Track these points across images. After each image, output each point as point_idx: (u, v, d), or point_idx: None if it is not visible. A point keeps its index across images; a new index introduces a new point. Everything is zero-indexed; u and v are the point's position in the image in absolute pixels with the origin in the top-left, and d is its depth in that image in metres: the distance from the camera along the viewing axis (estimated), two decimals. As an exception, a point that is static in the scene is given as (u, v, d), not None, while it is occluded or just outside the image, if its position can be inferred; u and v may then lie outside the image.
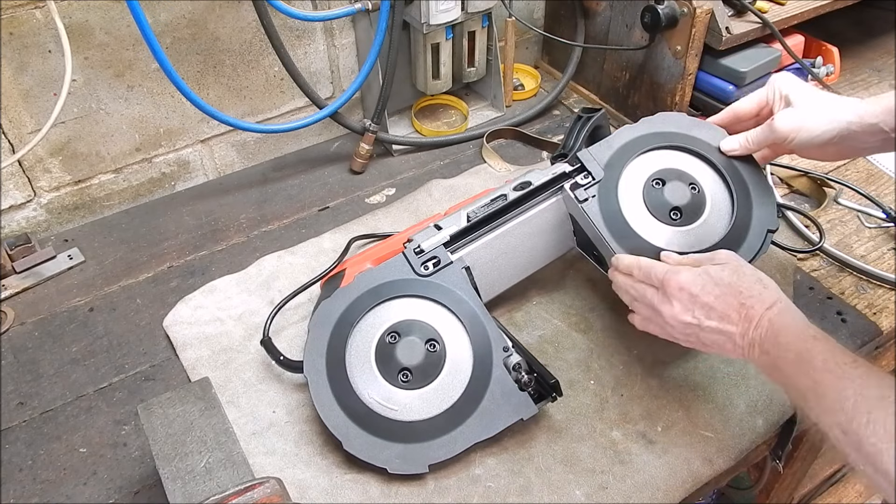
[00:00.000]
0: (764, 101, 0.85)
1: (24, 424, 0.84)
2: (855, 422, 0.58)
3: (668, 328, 0.75)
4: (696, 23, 1.07)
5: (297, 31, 1.15)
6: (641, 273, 0.77)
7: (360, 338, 0.80)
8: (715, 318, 0.71)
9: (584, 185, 0.87)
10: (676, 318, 0.73)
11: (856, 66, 1.38)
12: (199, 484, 0.66)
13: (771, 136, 0.82)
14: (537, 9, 1.39)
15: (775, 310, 0.69)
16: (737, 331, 0.70)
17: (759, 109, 0.86)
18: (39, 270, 1.02)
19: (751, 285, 0.71)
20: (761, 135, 0.83)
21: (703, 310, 0.71)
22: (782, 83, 0.82)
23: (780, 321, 0.68)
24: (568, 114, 1.32)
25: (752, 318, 0.69)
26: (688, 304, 0.72)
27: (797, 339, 0.66)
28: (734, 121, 0.89)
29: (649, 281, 0.76)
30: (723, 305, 0.71)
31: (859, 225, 1.06)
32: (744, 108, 0.87)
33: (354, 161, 1.19)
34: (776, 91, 0.83)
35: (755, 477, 1.27)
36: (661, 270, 0.75)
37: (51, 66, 0.98)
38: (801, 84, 0.82)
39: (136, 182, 1.14)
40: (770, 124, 0.81)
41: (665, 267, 0.75)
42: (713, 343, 0.72)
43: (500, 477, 0.76)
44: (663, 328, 0.76)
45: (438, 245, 0.84)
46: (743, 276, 0.72)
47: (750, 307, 0.70)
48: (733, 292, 0.71)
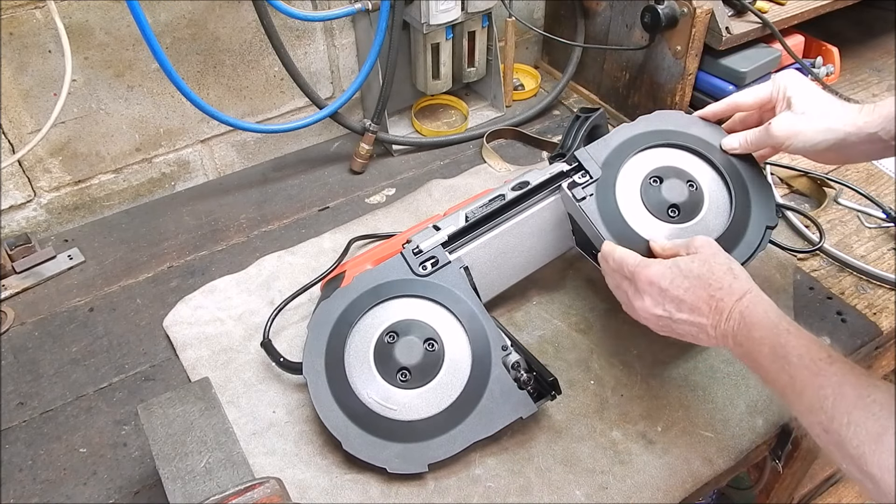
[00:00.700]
0: (766, 98, 0.84)
1: (24, 424, 0.84)
2: (836, 422, 0.58)
3: (642, 319, 0.76)
4: (696, 23, 1.07)
5: (297, 31, 1.15)
6: (615, 263, 0.78)
7: (358, 338, 0.80)
8: (685, 311, 0.71)
9: (582, 184, 0.87)
10: (648, 311, 0.74)
11: (856, 66, 1.38)
12: (199, 484, 0.66)
13: (767, 139, 0.82)
14: (537, 9, 1.39)
15: (745, 301, 0.69)
16: (708, 322, 0.70)
17: (761, 105, 0.86)
18: (39, 270, 1.02)
19: (721, 276, 0.71)
20: (759, 137, 0.84)
21: (674, 303, 0.72)
22: (787, 82, 0.82)
23: (751, 314, 0.68)
24: (568, 114, 1.32)
25: (721, 310, 0.69)
26: (657, 297, 0.73)
27: (770, 333, 0.66)
28: (734, 112, 0.89)
29: (622, 272, 0.77)
30: (692, 298, 0.71)
31: (859, 225, 1.06)
32: (745, 100, 0.87)
33: (354, 161, 1.19)
34: (780, 90, 0.82)
35: (755, 477, 1.27)
36: (631, 263, 0.76)
37: (51, 66, 0.98)
38: (804, 85, 0.81)
39: (136, 182, 1.14)
40: (767, 128, 0.81)
41: (636, 259, 0.76)
42: (687, 333, 0.73)
43: (500, 477, 0.76)
44: (638, 318, 0.77)
45: (437, 245, 0.84)
46: (713, 266, 0.72)
47: (719, 299, 0.70)
48: (703, 284, 0.71)
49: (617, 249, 0.79)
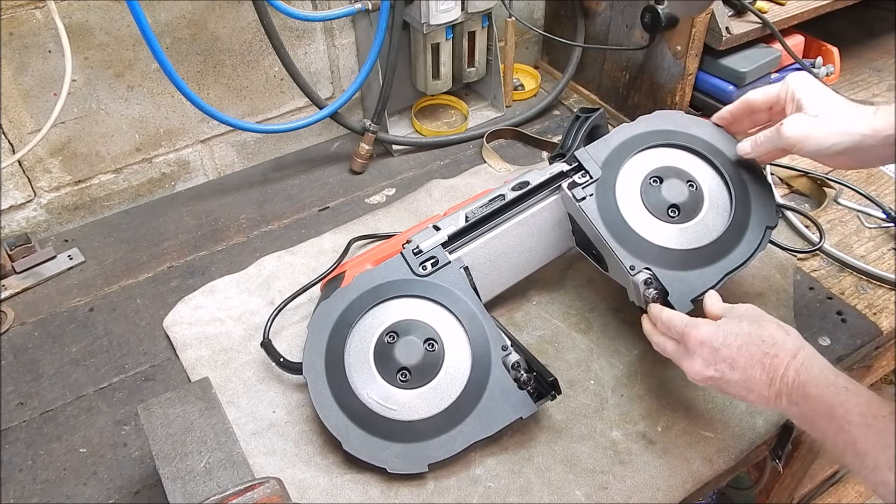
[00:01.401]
0: (774, 99, 0.82)
1: (24, 424, 0.84)
2: None
3: (693, 380, 0.74)
4: (696, 23, 1.07)
5: (297, 31, 1.15)
6: (662, 325, 0.77)
7: (358, 338, 0.80)
8: (738, 371, 0.69)
9: (582, 184, 0.87)
10: (699, 373, 0.71)
11: (856, 66, 1.38)
12: (199, 484, 0.66)
13: (779, 141, 0.79)
14: (537, 9, 1.39)
15: (800, 358, 0.67)
16: (762, 381, 0.68)
17: (770, 105, 0.83)
18: (39, 270, 1.02)
19: (773, 333, 0.69)
20: (770, 138, 0.81)
21: (726, 363, 0.70)
22: (796, 84, 0.79)
23: (806, 371, 0.65)
24: (568, 114, 1.32)
25: (776, 367, 0.67)
26: (709, 358, 0.71)
27: (827, 391, 0.63)
28: (747, 111, 0.86)
29: (669, 334, 0.76)
30: (745, 357, 0.69)
31: (859, 225, 1.06)
32: (755, 98, 0.84)
33: (354, 161, 1.19)
34: (788, 91, 0.80)
35: (755, 477, 1.27)
36: (679, 324, 0.74)
37: (51, 66, 0.98)
38: (815, 87, 0.78)
39: (136, 182, 1.14)
40: (778, 129, 0.78)
41: (684, 320, 0.74)
42: (738, 394, 0.70)
43: (500, 477, 0.76)
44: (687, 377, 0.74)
45: (436, 245, 0.84)
46: (763, 324, 0.70)
47: (773, 356, 0.68)
48: (755, 342, 0.69)
49: (664, 311, 0.77)
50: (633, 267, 0.82)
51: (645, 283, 0.81)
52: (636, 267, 0.82)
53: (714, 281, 0.82)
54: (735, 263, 0.83)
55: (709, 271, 0.82)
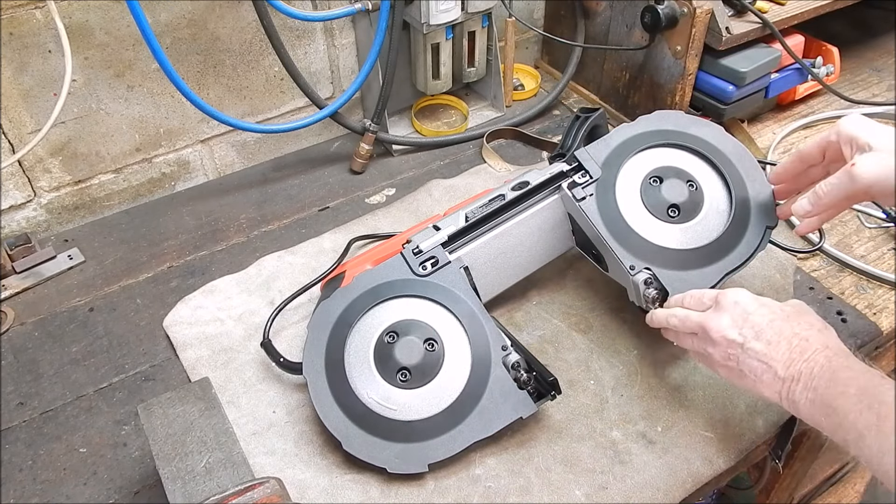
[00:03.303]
0: (826, 143, 0.75)
1: (24, 424, 0.84)
2: None
3: (709, 346, 0.70)
4: (696, 23, 1.07)
5: (297, 31, 1.15)
6: (692, 298, 0.75)
7: (358, 338, 0.80)
8: (763, 342, 0.66)
9: (582, 184, 0.87)
10: (722, 332, 0.69)
11: (856, 66, 1.38)
12: (199, 484, 0.66)
13: (852, 187, 0.70)
14: (537, 9, 1.39)
15: (834, 349, 0.64)
16: (781, 360, 0.65)
17: (823, 151, 0.76)
18: (39, 270, 1.02)
19: (813, 321, 0.67)
20: (839, 185, 0.71)
21: (753, 330, 0.67)
22: (850, 124, 0.72)
23: (839, 360, 0.63)
24: (568, 114, 1.32)
25: (803, 350, 0.64)
26: (738, 319, 0.68)
27: (862, 375, 0.60)
28: (801, 165, 0.79)
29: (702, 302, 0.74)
30: (774, 332, 0.66)
31: (859, 225, 1.06)
32: (808, 148, 0.77)
33: (354, 161, 1.19)
34: (841, 133, 0.72)
35: (755, 477, 1.27)
36: (715, 290, 0.73)
37: (51, 66, 0.98)
38: (871, 123, 0.71)
39: (136, 182, 1.14)
40: (849, 172, 0.69)
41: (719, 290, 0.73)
42: (751, 371, 0.67)
43: (500, 477, 0.76)
44: (704, 346, 0.71)
45: (436, 245, 0.84)
46: (806, 314, 0.68)
47: (805, 339, 0.65)
48: (791, 323, 0.67)
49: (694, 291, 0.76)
50: (633, 267, 0.82)
51: (645, 283, 0.81)
52: (636, 267, 0.82)
53: (714, 281, 0.82)
54: (735, 263, 0.83)
55: (709, 271, 0.82)
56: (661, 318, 0.77)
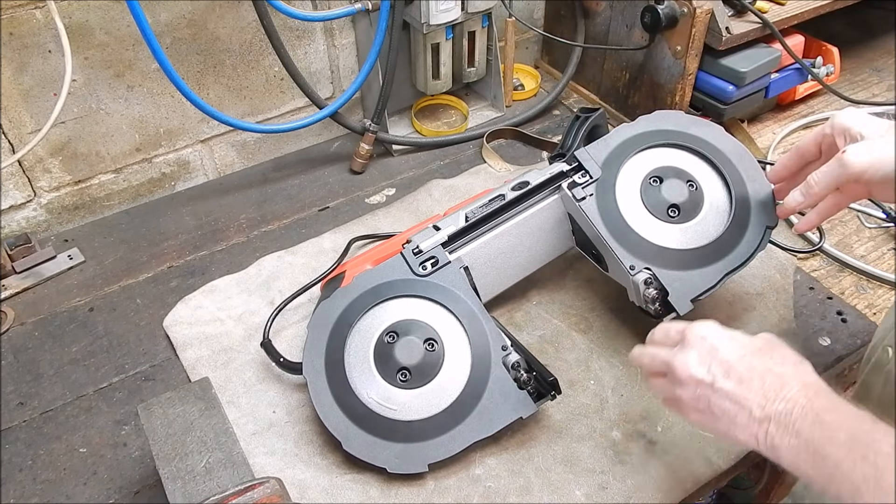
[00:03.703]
0: (821, 135, 0.74)
1: (24, 424, 0.84)
2: None
3: (678, 388, 0.64)
4: (696, 23, 1.07)
5: (297, 31, 1.15)
6: (660, 332, 0.69)
7: (358, 338, 0.80)
8: (733, 380, 0.60)
9: (582, 184, 0.87)
10: (689, 370, 0.63)
11: (856, 66, 1.38)
12: (199, 484, 0.66)
13: (843, 174, 0.69)
14: (537, 9, 1.39)
15: (815, 388, 0.58)
16: (755, 400, 0.59)
17: (819, 144, 0.75)
18: (39, 270, 1.02)
19: (786, 354, 0.62)
20: (830, 174, 0.70)
21: (722, 367, 0.61)
22: (843, 116, 0.72)
23: (820, 398, 0.57)
24: (568, 114, 1.32)
25: (778, 388, 0.58)
26: (705, 355, 0.63)
27: (849, 419, 0.54)
28: (800, 160, 0.78)
29: (668, 337, 0.68)
30: (745, 368, 0.61)
31: (859, 225, 1.06)
32: (804, 142, 0.77)
33: (354, 161, 1.19)
34: (835, 125, 0.72)
35: (755, 477, 1.27)
36: (683, 323, 0.67)
37: (51, 66, 0.98)
38: (865, 115, 0.71)
39: (136, 182, 1.14)
40: (840, 159, 0.69)
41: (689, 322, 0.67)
42: (724, 413, 0.61)
43: (500, 477, 0.76)
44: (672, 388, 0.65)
45: (436, 245, 0.84)
46: (777, 345, 0.63)
47: (779, 375, 0.59)
48: (763, 357, 0.61)
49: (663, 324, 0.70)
50: (633, 267, 0.82)
51: (645, 282, 0.81)
52: (636, 267, 0.82)
53: (714, 281, 0.82)
54: (735, 263, 0.83)
55: (709, 271, 0.82)
56: (636, 356, 0.72)
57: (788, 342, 0.87)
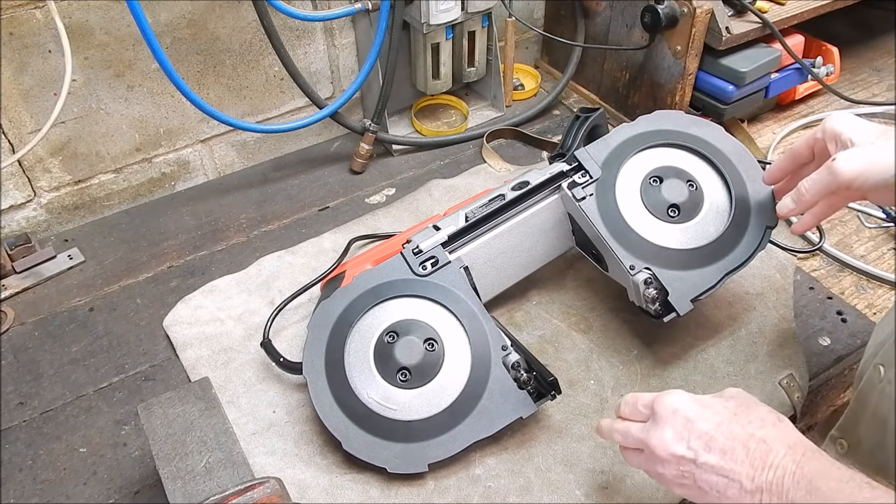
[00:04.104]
0: (813, 140, 0.73)
1: (24, 424, 0.84)
2: None
3: (658, 466, 0.61)
4: (696, 23, 1.07)
5: (297, 31, 1.15)
6: (628, 406, 0.66)
7: (358, 338, 0.80)
8: (716, 453, 0.58)
9: (582, 184, 0.87)
10: (667, 448, 0.60)
11: (856, 66, 1.38)
12: (199, 484, 0.66)
13: (833, 182, 0.67)
14: (537, 9, 1.39)
15: (800, 450, 0.56)
16: (744, 471, 0.56)
17: (811, 148, 0.74)
18: (39, 270, 1.02)
19: (763, 415, 0.59)
20: (820, 181, 0.69)
21: (701, 440, 0.59)
22: (834, 121, 0.71)
23: (810, 463, 0.55)
24: (568, 114, 1.32)
25: (764, 455, 0.56)
26: (681, 430, 0.60)
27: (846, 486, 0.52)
28: (793, 164, 0.78)
29: (637, 411, 0.65)
30: (726, 437, 0.58)
31: (859, 225, 1.06)
32: (797, 146, 0.76)
33: (354, 161, 1.19)
34: (826, 130, 0.71)
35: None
36: (649, 396, 0.64)
37: (51, 66, 0.98)
38: (856, 120, 0.70)
39: (136, 182, 1.14)
40: (830, 167, 0.67)
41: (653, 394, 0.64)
42: (712, 487, 0.58)
43: (500, 477, 0.76)
44: (653, 465, 0.62)
45: (436, 245, 0.84)
46: (752, 406, 0.61)
47: (761, 440, 0.57)
48: (741, 421, 0.59)
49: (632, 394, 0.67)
50: (632, 267, 0.82)
51: (645, 282, 0.81)
52: (636, 267, 0.82)
53: (714, 281, 0.82)
54: (735, 263, 0.83)
55: (709, 271, 0.82)
56: (606, 430, 0.69)
57: (788, 342, 0.88)
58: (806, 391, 0.85)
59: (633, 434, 0.64)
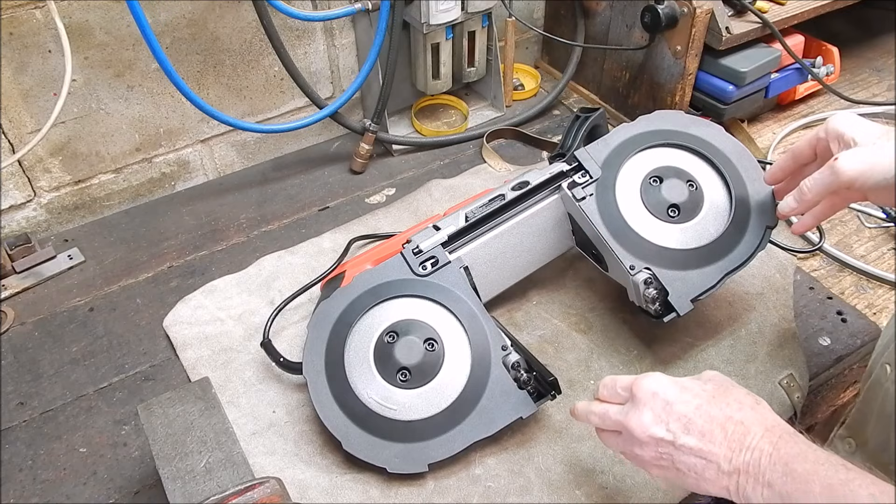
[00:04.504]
0: (815, 140, 0.73)
1: (24, 424, 0.84)
2: None
3: (636, 448, 0.62)
4: (696, 23, 1.07)
5: (297, 31, 1.15)
6: (606, 388, 0.66)
7: (358, 338, 0.80)
8: (694, 435, 0.58)
9: (582, 184, 0.87)
10: (646, 430, 0.60)
11: (856, 66, 1.38)
12: (199, 484, 0.66)
13: (834, 181, 0.67)
14: (537, 9, 1.39)
15: (777, 432, 0.56)
16: (721, 453, 0.57)
17: (814, 148, 0.74)
18: (39, 270, 1.02)
19: (740, 398, 0.60)
20: (822, 181, 0.69)
21: (680, 422, 0.59)
22: (838, 121, 0.71)
23: (787, 445, 0.55)
24: (568, 114, 1.32)
25: (741, 436, 0.57)
26: (660, 412, 0.60)
27: (822, 467, 0.52)
28: (794, 164, 0.77)
29: (615, 393, 0.65)
30: (704, 419, 0.58)
31: (859, 225, 1.06)
32: (799, 145, 0.76)
33: (354, 161, 1.19)
34: (829, 130, 0.71)
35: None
36: (628, 378, 0.64)
37: (51, 66, 0.98)
38: (861, 121, 0.70)
39: (136, 182, 1.14)
40: (832, 166, 0.68)
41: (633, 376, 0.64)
42: (690, 468, 0.58)
43: (500, 477, 0.76)
44: (631, 447, 0.63)
45: (436, 245, 0.84)
46: (730, 388, 0.61)
47: (739, 422, 0.57)
48: (718, 404, 0.59)
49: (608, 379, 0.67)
50: (632, 267, 0.82)
51: (645, 282, 0.81)
52: (636, 267, 0.82)
53: (714, 281, 0.82)
54: (735, 263, 0.83)
55: (709, 271, 0.82)
56: (581, 413, 0.69)
57: (788, 342, 0.88)
58: (806, 391, 0.85)
59: (612, 416, 0.64)
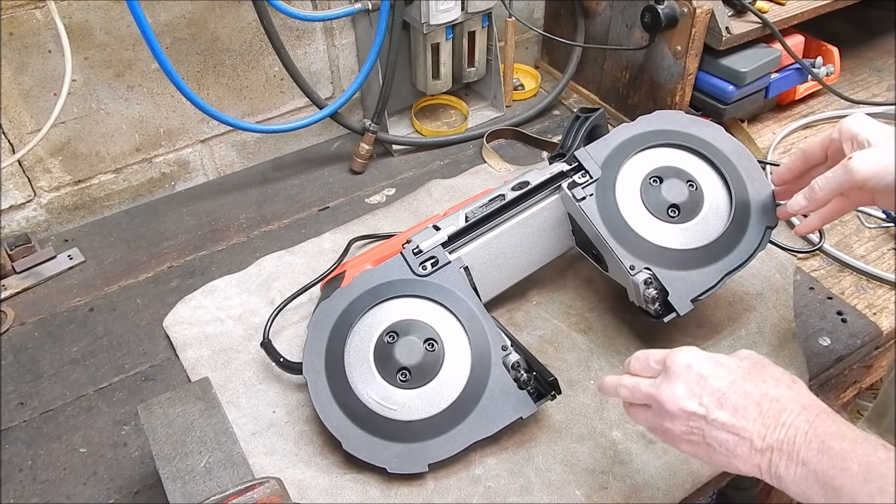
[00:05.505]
0: (828, 140, 0.73)
1: (24, 424, 0.84)
2: None
3: (667, 421, 0.61)
4: (696, 23, 1.07)
5: (297, 31, 1.15)
6: (639, 362, 0.66)
7: (358, 338, 0.80)
8: (728, 410, 0.57)
9: (582, 184, 0.87)
10: (678, 403, 0.59)
11: (856, 66, 1.38)
12: (199, 484, 0.66)
13: (847, 180, 0.68)
14: (537, 9, 1.39)
15: (815, 410, 0.55)
16: (755, 430, 0.56)
17: (825, 149, 0.75)
18: (39, 270, 1.02)
19: (778, 375, 0.59)
20: (835, 179, 0.69)
21: (713, 396, 0.58)
22: (852, 122, 0.71)
23: (824, 423, 0.54)
24: (568, 114, 1.32)
25: (777, 413, 0.56)
26: (694, 386, 0.59)
27: (860, 446, 0.51)
28: (805, 163, 0.77)
29: (648, 367, 0.65)
30: (739, 395, 0.57)
31: (859, 225, 1.06)
32: (810, 145, 0.76)
33: (354, 161, 1.19)
34: (843, 130, 0.71)
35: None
36: (662, 352, 0.63)
37: (51, 66, 0.98)
38: (876, 123, 0.70)
39: (136, 182, 1.14)
40: (846, 165, 0.68)
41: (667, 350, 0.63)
42: (721, 444, 0.57)
43: (500, 477, 0.76)
44: (661, 421, 0.62)
45: (436, 245, 0.84)
46: (767, 366, 0.60)
47: (775, 399, 0.56)
48: (754, 380, 0.58)
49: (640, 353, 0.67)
50: (633, 267, 0.82)
51: (645, 282, 0.81)
52: (636, 267, 0.82)
53: (714, 281, 0.82)
54: (735, 263, 0.83)
55: (709, 271, 0.82)
56: (610, 387, 0.68)
57: (788, 342, 0.88)
58: (806, 391, 0.85)
59: (643, 389, 0.63)
